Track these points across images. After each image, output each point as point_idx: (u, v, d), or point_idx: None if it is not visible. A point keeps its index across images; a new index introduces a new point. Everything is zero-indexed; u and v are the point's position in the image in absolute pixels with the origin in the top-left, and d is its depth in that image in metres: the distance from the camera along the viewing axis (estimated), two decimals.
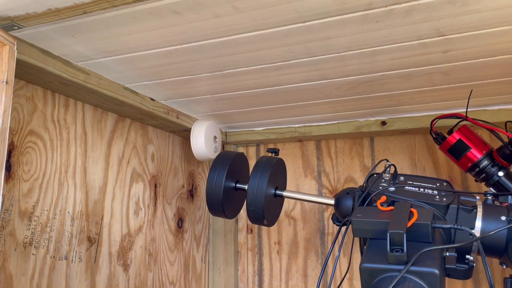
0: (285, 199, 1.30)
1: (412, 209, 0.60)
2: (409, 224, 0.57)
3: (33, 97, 0.81)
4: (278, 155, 0.90)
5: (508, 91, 1.00)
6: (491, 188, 0.92)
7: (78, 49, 0.77)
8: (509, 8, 0.64)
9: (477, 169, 0.92)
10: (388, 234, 0.55)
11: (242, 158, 0.92)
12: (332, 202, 0.82)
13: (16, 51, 0.60)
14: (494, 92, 1.00)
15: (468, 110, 1.01)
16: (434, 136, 1.00)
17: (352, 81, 0.96)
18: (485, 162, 0.91)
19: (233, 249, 1.33)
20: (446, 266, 0.58)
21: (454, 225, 0.58)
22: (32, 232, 0.78)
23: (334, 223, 0.84)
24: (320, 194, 1.29)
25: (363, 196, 0.71)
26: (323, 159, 1.30)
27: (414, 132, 1.19)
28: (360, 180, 1.25)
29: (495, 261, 0.81)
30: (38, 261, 0.79)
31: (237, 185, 0.88)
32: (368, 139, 1.26)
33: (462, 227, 0.58)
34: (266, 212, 0.81)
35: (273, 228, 1.32)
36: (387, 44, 0.77)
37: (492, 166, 0.90)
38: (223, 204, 0.84)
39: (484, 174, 0.91)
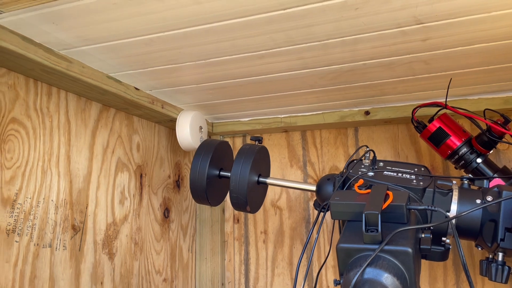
0: (271, 189, 1.32)
1: (388, 192, 0.61)
2: (385, 205, 0.59)
3: (15, 85, 0.81)
4: (261, 143, 0.91)
5: (486, 81, 1.02)
6: (470, 175, 0.95)
7: (60, 36, 0.77)
8: None
9: (456, 156, 0.94)
10: (363, 215, 0.56)
11: (226, 146, 0.93)
12: (313, 188, 0.83)
13: None
14: (473, 82, 1.02)
15: (448, 99, 1.03)
16: (415, 124, 1.02)
17: (335, 70, 0.97)
18: (464, 149, 0.93)
19: (219, 239, 1.34)
20: (421, 247, 0.60)
21: (428, 206, 0.59)
22: (15, 219, 0.78)
23: (315, 209, 0.85)
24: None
25: (342, 180, 0.72)
26: (308, 149, 1.32)
27: (397, 121, 1.20)
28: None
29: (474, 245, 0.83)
30: (21, 248, 0.79)
31: (221, 172, 0.89)
32: (353, 129, 1.28)
33: (436, 208, 0.59)
34: (249, 199, 0.82)
35: (259, 217, 1.33)
36: (367, 32, 0.78)
37: (471, 153, 0.92)
38: (206, 192, 0.84)
39: (463, 161, 0.93)
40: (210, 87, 1.09)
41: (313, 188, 0.83)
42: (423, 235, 0.61)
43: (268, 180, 0.88)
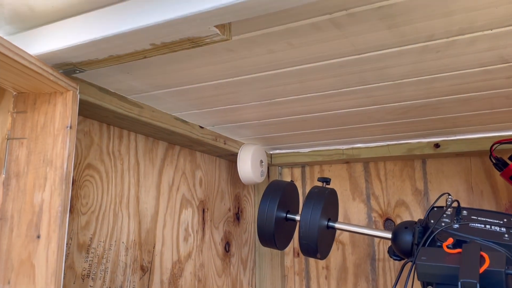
0: None
1: (483, 254, 0.56)
2: (481, 270, 0.54)
3: (90, 132, 0.83)
4: (329, 184, 0.88)
5: None
6: None
7: (133, 84, 0.78)
8: None
9: None
10: (459, 283, 0.51)
11: (292, 187, 0.90)
12: (389, 236, 0.79)
13: (78, 95, 0.62)
14: None
15: None
16: (494, 161, 0.95)
17: (406, 106, 0.93)
18: None
19: (280, 273, 1.31)
20: None
21: None
22: (89, 264, 0.80)
23: (390, 257, 0.80)
24: (369, 218, 1.25)
25: (427, 234, 0.68)
26: (371, 182, 1.27)
27: (470, 154, 1.13)
28: (411, 204, 1.20)
29: None
30: None
31: (288, 215, 0.87)
32: (420, 161, 1.21)
33: None
34: (319, 245, 0.79)
35: None
36: (447, 71, 0.74)
37: None
38: (274, 236, 0.82)
39: None
40: (271, 123, 1.07)
41: (389, 236, 0.79)
42: None
43: (338, 225, 0.84)
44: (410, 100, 0.89)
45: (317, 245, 0.79)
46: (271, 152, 1.36)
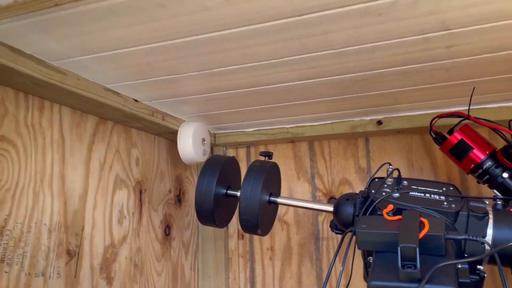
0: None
1: (423, 219, 0.55)
2: (421, 235, 0.52)
3: (4, 100, 0.74)
4: (271, 158, 0.85)
5: (509, 88, 0.96)
6: (495, 191, 0.89)
7: (53, 46, 0.70)
8: None
9: (480, 170, 0.88)
10: (399, 248, 0.49)
11: (233, 163, 0.86)
12: (331, 209, 0.76)
13: None
14: (495, 89, 0.96)
15: (467, 108, 0.97)
16: (434, 136, 0.96)
17: (349, 79, 0.91)
18: (488, 163, 0.87)
19: (223, 256, 1.27)
20: (460, 280, 0.53)
21: (468, 235, 0.53)
22: (4, 247, 0.71)
23: (332, 231, 0.78)
24: (314, 197, 1.23)
25: (368, 202, 0.66)
26: (316, 161, 1.25)
27: (411, 131, 1.14)
28: (355, 182, 1.20)
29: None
30: (11, 279, 0.72)
31: (229, 191, 0.82)
32: (363, 139, 1.21)
33: (478, 238, 0.53)
34: (260, 221, 0.75)
35: None
36: (388, 39, 0.72)
37: (496, 167, 0.86)
38: (214, 213, 0.78)
39: (487, 176, 0.87)
40: (214, 97, 1.02)
41: (330, 208, 0.76)
42: (459, 266, 0.55)
43: (280, 200, 0.81)
44: (353, 73, 0.87)
45: (258, 221, 0.75)
46: (215, 132, 1.31)
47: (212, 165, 0.79)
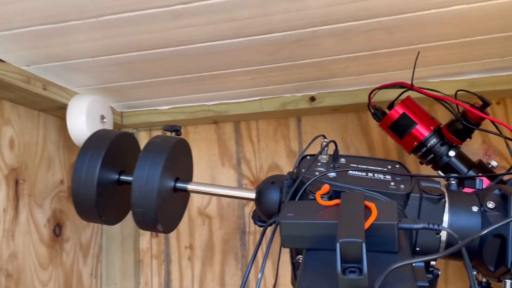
0: (198, 194, 1.08)
1: (367, 203, 0.40)
2: (367, 225, 0.37)
3: None
4: (180, 134, 0.67)
5: (451, 59, 0.86)
6: (439, 172, 0.78)
7: None
8: None
9: (424, 148, 0.76)
10: (337, 244, 0.34)
11: (129, 140, 0.67)
12: (253, 195, 0.60)
13: None
14: (437, 61, 0.86)
15: (407, 81, 0.86)
16: (373, 111, 0.83)
17: (277, 41, 0.75)
18: (433, 140, 0.76)
19: (133, 258, 1.07)
20: (418, 284, 0.39)
21: (428, 224, 0.39)
22: None
23: (255, 224, 0.63)
24: (240, 186, 1.07)
25: (296, 184, 0.50)
26: (242, 144, 1.09)
27: (346, 109, 1.02)
28: (286, 167, 1.06)
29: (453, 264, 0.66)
30: None
31: (122, 177, 0.63)
32: (295, 119, 1.07)
33: (441, 227, 0.39)
34: (160, 214, 0.57)
35: (183, 229, 1.08)
36: None
37: (442, 145, 0.75)
38: (98, 206, 0.58)
39: (432, 155, 0.76)
40: (112, 62, 0.82)
41: (252, 195, 0.60)
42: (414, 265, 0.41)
43: (190, 186, 0.63)
44: (281, 31, 0.72)
45: (157, 213, 0.56)
46: (122, 110, 1.10)
47: (96, 141, 0.60)
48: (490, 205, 0.50)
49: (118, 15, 0.64)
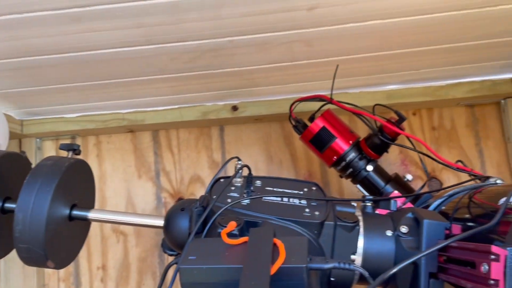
0: (112, 208, 0.99)
1: (277, 241, 0.37)
2: (273, 270, 0.34)
3: None
4: (79, 154, 0.59)
5: (371, 71, 0.86)
6: (358, 186, 0.78)
7: None
8: None
9: (343, 163, 0.76)
10: None
11: (15, 160, 0.58)
12: (161, 223, 0.55)
13: None
14: (357, 72, 0.86)
15: (327, 93, 0.85)
16: (294, 123, 0.81)
17: (193, 49, 0.70)
18: (352, 154, 0.75)
19: (36, 283, 0.96)
20: None
21: (339, 263, 0.36)
22: None
23: (164, 252, 0.57)
24: (159, 200, 1.01)
25: (203, 216, 0.46)
26: (162, 154, 1.02)
27: (270, 119, 0.99)
28: (208, 179, 1.01)
29: None
30: None
31: (6, 204, 0.54)
32: (218, 128, 1.03)
33: (352, 267, 0.36)
34: (50, 249, 0.50)
35: (95, 247, 0.99)
36: None
37: (360, 159, 0.75)
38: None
39: (351, 169, 0.76)
40: (4, 67, 0.71)
41: (161, 223, 0.54)
42: None
43: (91, 214, 0.56)
44: (196, 39, 0.67)
45: (45, 249, 0.49)
46: (22, 118, 0.98)
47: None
48: (404, 229, 0.49)
49: (6, 17, 0.55)
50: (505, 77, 0.90)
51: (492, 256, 0.36)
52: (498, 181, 0.62)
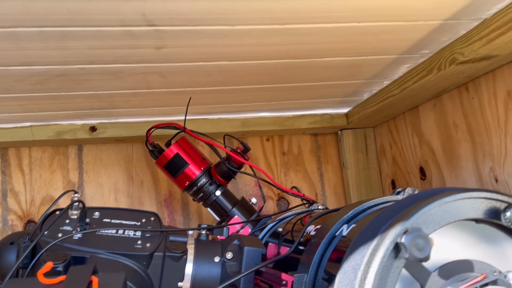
0: None
1: (94, 279, 0.39)
2: None
3: None
4: None
5: (226, 100, 0.93)
6: (209, 209, 0.83)
7: None
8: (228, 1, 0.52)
9: (195, 187, 0.81)
10: None
11: None
12: None
13: None
14: (213, 101, 0.92)
15: (188, 117, 0.90)
16: (151, 148, 0.84)
17: (40, 73, 0.68)
18: (203, 180, 0.81)
19: None
20: None
21: None
22: None
23: None
24: (5, 222, 0.94)
25: (24, 255, 0.46)
26: (11, 174, 0.96)
27: (131, 140, 1.00)
28: (63, 200, 0.97)
29: None
30: None
31: None
32: (76, 147, 1.00)
33: None
34: None
35: None
36: (78, 25, 0.54)
37: (210, 184, 0.81)
38: None
39: (202, 193, 0.81)
40: None
41: None
42: None
43: None
44: (44, 65, 0.66)
45: None
46: None
47: None
48: (229, 255, 0.55)
49: None
50: (341, 112, 1.05)
51: (284, 282, 0.44)
52: (320, 207, 0.73)
